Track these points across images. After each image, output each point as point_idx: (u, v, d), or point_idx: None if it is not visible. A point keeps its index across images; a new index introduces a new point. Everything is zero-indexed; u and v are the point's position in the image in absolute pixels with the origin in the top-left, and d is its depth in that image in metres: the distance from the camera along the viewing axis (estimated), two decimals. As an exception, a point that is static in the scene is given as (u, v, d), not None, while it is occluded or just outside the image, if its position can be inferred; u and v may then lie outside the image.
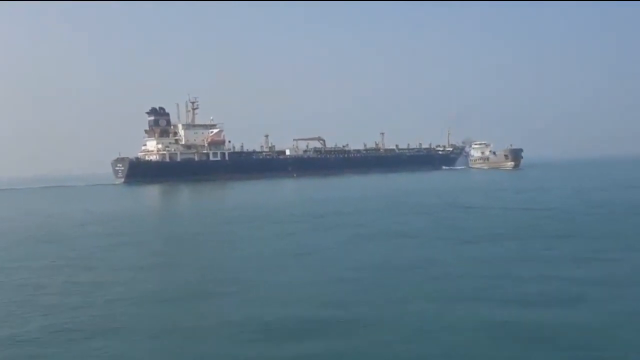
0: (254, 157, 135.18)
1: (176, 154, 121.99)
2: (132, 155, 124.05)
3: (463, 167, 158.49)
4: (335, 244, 27.03)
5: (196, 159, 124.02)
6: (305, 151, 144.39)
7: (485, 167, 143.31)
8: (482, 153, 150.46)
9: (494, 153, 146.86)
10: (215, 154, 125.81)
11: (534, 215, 35.91)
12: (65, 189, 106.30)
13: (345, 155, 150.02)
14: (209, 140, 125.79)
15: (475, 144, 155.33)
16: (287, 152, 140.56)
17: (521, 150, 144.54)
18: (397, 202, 49.04)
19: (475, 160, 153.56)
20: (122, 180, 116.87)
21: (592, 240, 25.58)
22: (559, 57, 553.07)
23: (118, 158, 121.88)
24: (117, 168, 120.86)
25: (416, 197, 53.81)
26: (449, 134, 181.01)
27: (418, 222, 34.66)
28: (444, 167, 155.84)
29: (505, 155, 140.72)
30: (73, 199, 75.10)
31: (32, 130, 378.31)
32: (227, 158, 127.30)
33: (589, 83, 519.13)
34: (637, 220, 31.89)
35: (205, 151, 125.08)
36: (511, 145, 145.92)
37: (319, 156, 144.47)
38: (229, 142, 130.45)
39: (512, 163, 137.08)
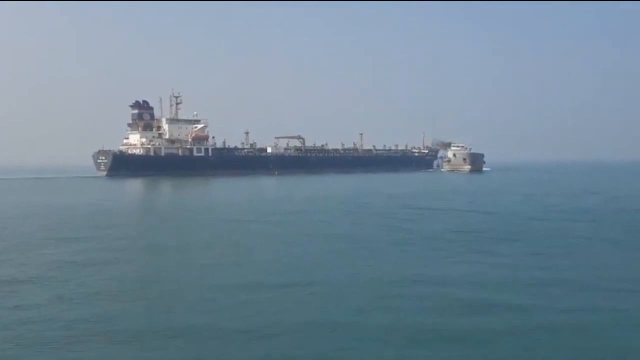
0: (236, 153, 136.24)
1: (160, 148, 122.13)
2: (112, 148, 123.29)
3: (435, 169, 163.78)
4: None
5: (180, 154, 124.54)
6: (286, 149, 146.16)
7: (447, 170, 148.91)
8: (454, 156, 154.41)
9: (454, 156, 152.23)
10: (199, 150, 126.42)
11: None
12: (46, 180, 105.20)
13: (325, 155, 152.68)
14: (193, 135, 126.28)
15: (454, 146, 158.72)
16: (269, 150, 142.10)
17: (482, 155, 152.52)
18: (350, 203, 52.16)
19: (444, 162, 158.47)
20: (105, 173, 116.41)
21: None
22: (551, 59, 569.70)
23: (100, 150, 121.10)
24: (99, 161, 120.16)
25: (367, 198, 57.91)
26: (424, 136, 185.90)
27: (344, 222, 37.73)
28: (428, 170, 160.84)
29: (464, 159, 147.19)
30: (60, 192, 75.03)
31: (9, 117, 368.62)
32: (210, 154, 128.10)
33: (579, 87, 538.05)
34: (567, 224, 35.10)
35: (189, 146, 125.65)
36: (470, 149, 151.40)
37: (300, 155, 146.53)
38: (212, 137, 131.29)
39: (469, 167, 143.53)
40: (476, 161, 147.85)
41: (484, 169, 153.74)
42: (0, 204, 52.53)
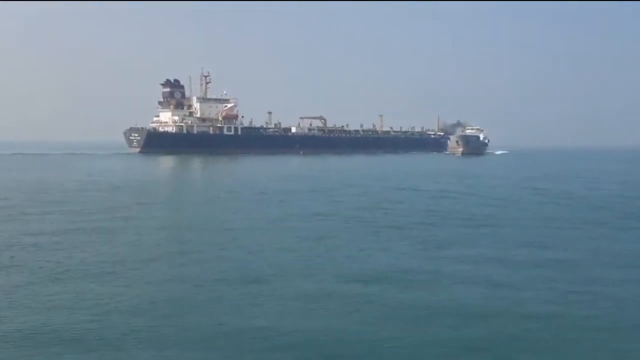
0: (263, 133, 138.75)
1: (193, 126, 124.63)
2: (140, 125, 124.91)
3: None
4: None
5: (211, 132, 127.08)
6: (310, 129, 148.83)
7: (449, 152, 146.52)
8: (453, 139, 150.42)
9: (453, 139, 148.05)
10: (229, 129, 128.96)
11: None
12: (89, 156, 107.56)
13: (347, 135, 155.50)
14: (223, 114, 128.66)
15: (469, 129, 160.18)
16: (293, 130, 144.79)
17: (477, 137, 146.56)
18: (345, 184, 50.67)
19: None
20: (138, 150, 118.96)
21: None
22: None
23: (132, 128, 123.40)
24: (131, 137, 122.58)
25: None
26: (438, 118, 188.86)
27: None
28: (441, 152, 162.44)
29: (457, 142, 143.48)
30: (119, 168, 77.46)
31: (46, 91, 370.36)
32: (240, 133, 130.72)
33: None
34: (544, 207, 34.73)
35: (219, 125, 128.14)
36: (463, 130, 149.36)
37: (323, 135, 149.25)
38: (242, 117, 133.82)
39: (461, 149, 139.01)
40: (470, 144, 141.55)
41: (487, 152, 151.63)
42: (61, 179, 52.79)
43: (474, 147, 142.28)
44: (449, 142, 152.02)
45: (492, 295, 15.15)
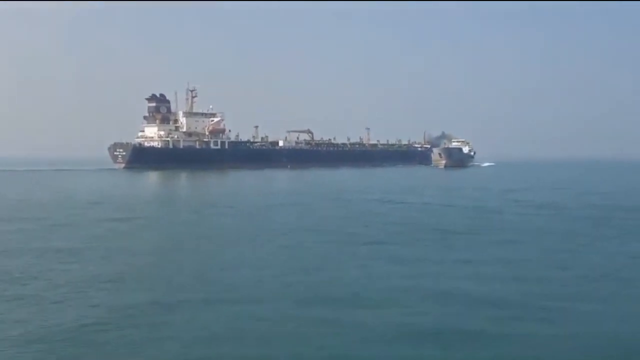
0: (250, 147, 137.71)
1: (179, 141, 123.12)
2: (123, 140, 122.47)
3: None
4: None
5: (197, 146, 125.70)
6: (297, 143, 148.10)
7: (432, 165, 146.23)
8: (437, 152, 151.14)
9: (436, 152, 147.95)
10: (215, 143, 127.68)
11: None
12: (69, 173, 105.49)
13: (334, 149, 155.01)
14: (210, 128, 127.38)
15: (455, 141, 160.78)
16: (281, 143, 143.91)
17: (459, 149, 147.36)
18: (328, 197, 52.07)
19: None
20: (123, 165, 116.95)
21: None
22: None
23: (117, 143, 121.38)
24: (116, 153, 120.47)
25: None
26: (424, 131, 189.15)
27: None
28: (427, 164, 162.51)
29: (439, 154, 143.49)
30: (104, 184, 76.09)
31: (25, 109, 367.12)
32: (227, 147, 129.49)
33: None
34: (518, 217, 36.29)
35: (206, 139, 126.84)
36: (445, 143, 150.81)
37: (311, 148, 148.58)
38: (229, 131, 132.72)
39: (444, 162, 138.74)
40: (452, 156, 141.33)
41: (473, 164, 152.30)
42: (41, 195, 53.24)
43: (457, 159, 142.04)
44: (432, 154, 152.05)
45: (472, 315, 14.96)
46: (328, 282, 18.52)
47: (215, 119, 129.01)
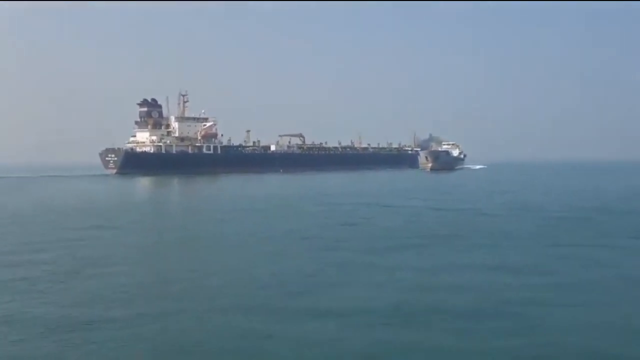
0: (243, 151, 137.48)
1: (171, 146, 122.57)
2: (114, 146, 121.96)
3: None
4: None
5: (190, 151, 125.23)
6: (289, 147, 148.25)
7: (420, 168, 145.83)
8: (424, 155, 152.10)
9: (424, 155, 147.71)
10: (208, 147, 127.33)
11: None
12: (62, 179, 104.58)
13: (326, 152, 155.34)
14: (202, 133, 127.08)
15: (445, 144, 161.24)
16: (273, 148, 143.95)
17: (446, 152, 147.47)
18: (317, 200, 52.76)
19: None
20: (115, 171, 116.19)
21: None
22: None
23: (108, 148, 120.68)
24: (107, 158, 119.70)
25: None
26: (414, 135, 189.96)
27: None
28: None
29: (426, 157, 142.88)
30: (105, 190, 75.46)
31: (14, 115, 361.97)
32: (219, 151, 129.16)
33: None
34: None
35: (198, 144, 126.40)
36: (432, 146, 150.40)
37: (303, 152, 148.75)
38: (221, 135, 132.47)
39: (430, 164, 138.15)
40: (439, 159, 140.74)
41: (464, 166, 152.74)
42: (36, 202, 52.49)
43: (444, 162, 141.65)
44: (419, 157, 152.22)
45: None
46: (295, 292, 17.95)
47: (208, 124, 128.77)
